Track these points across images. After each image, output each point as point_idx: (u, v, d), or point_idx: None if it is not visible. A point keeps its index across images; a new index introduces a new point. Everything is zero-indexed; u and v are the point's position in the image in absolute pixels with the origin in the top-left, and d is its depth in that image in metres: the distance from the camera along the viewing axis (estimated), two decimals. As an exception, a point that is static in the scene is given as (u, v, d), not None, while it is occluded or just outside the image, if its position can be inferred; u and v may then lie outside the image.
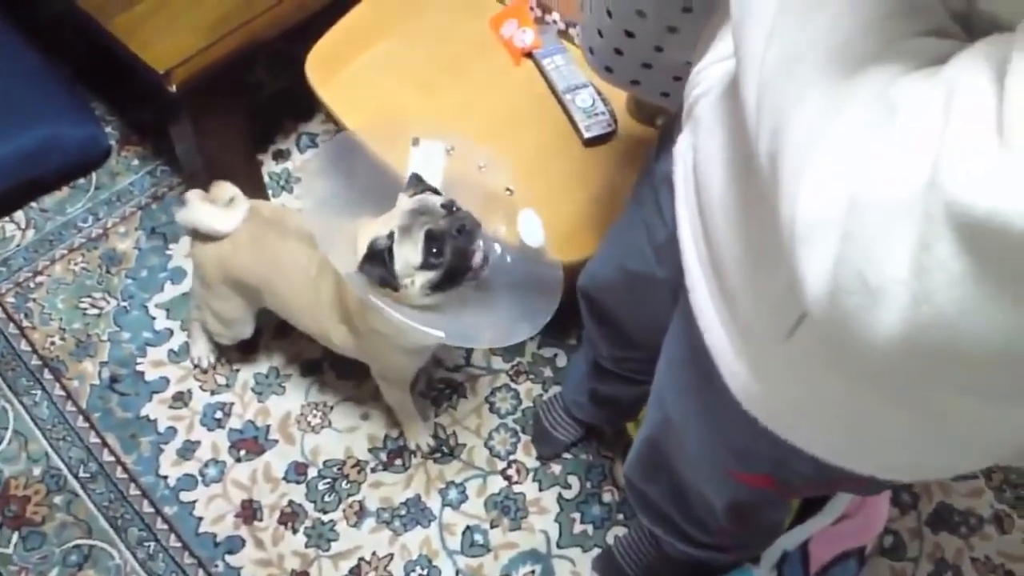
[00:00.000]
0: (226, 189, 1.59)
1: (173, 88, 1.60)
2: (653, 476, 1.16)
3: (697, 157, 0.80)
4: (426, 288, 1.30)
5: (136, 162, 2.08)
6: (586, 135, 1.64)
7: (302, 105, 2.08)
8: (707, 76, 0.81)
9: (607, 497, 1.73)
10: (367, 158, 1.46)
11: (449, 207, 1.31)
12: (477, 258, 1.30)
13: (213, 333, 1.74)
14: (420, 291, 1.30)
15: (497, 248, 1.43)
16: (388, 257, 1.27)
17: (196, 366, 1.80)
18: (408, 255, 1.28)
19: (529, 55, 1.75)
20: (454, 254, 1.28)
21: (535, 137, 1.67)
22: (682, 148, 0.85)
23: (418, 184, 1.37)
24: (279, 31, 1.71)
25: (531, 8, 1.77)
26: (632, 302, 1.22)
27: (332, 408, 1.79)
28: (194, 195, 1.56)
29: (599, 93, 1.69)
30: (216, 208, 1.56)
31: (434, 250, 1.27)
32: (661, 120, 1.65)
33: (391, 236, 1.28)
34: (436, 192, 1.37)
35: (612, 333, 1.34)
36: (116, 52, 1.65)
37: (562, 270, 1.40)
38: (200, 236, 1.56)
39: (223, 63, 1.64)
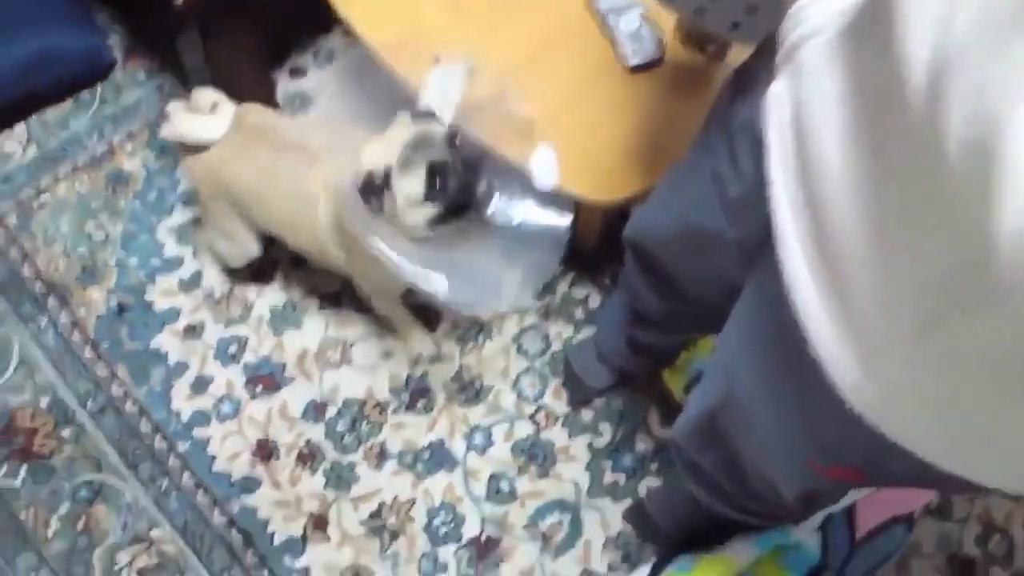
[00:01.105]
0: (207, 95, 1.50)
1: (179, 1, 1.46)
2: (709, 447, 1.07)
3: (801, 112, 0.68)
4: (431, 222, 1.25)
5: (143, 76, 1.95)
6: (631, 62, 1.51)
7: (321, 18, 1.92)
8: (815, 12, 0.70)
9: (640, 446, 1.66)
10: (385, 76, 1.37)
11: (452, 138, 1.25)
12: (481, 191, 1.25)
13: (221, 255, 1.65)
14: (424, 224, 1.25)
15: (496, 197, 1.33)
16: (386, 188, 1.22)
17: (209, 295, 1.71)
18: (410, 188, 1.23)
19: (571, -31, 1.60)
20: (458, 187, 1.23)
21: (572, 63, 1.54)
22: (778, 97, 0.73)
23: (421, 115, 1.29)
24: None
25: (575, -83, 1.62)
26: (691, 259, 1.11)
27: (352, 345, 1.70)
28: (174, 107, 1.50)
29: (645, 15, 1.55)
30: (199, 116, 1.48)
31: (437, 183, 1.22)
32: (713, 47, 1.52)
33: (389, 169, 1.21)
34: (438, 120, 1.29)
35: (663, 287, 1.24)
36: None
37: (570, 223, 1.33)
38: (189, 148, 1.49)
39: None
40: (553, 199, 1.36)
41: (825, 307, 0.66)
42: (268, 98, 1.85)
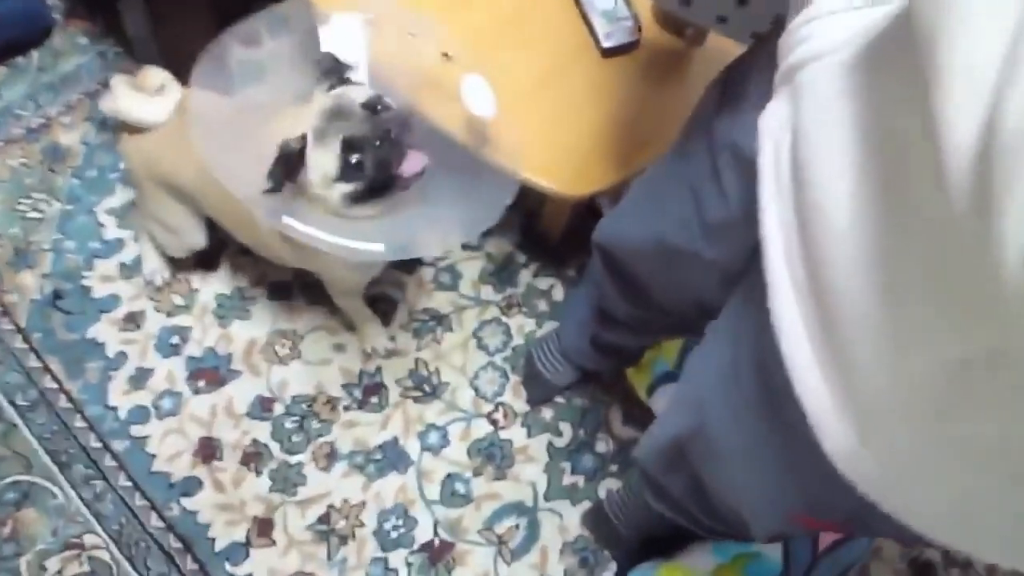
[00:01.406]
0: (155, 74, 1.39)
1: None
2: (675, 472, 1.00)
3: (799, 141, 0.59)
4: (346, 201, 1.13)
5: (84, 41, 1.82)
6: (605, 44, 1.42)
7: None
8: (822, 30, 0.60)
9: (601, 447, 1.59)
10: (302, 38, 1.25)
11: (372, 106, 1.13)
12: (407, 167, 1.12)
13: (161, 244, 1.55)
14: (340, 203, 1.14)
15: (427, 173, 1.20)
16: (298, 161, 1.10)
17: (149, 283, 1.61)
18: (324, 164, 1.11)
19: (541, -58, 1.49)
20: (376, 166, 1.11)
21: (543, 44, 1.44)
22: (773, 122, 0.64)
23: (333, 72, 1.17)
24: None
25: None
26: (666, 273, 1.03)
27: (303, 337, 1.61)
28: (119, 81, 1.38)
29: (622, -6, 1.45)
30: (143, 96, 1.37)
31: (353, 160, 1.10)
32: (691, 31, 1.42)
33: (303, 139, 1.10)
34: (344, 66, 1.17)
35: (634, 296, 1.16)
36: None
37: (516, 180, 1.21)
38: (129, 128, 1.38)
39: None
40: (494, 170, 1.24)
41: (823, 375, 0.57)
42: (218, 69, 1.73)
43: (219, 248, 1.63)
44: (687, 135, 0.93)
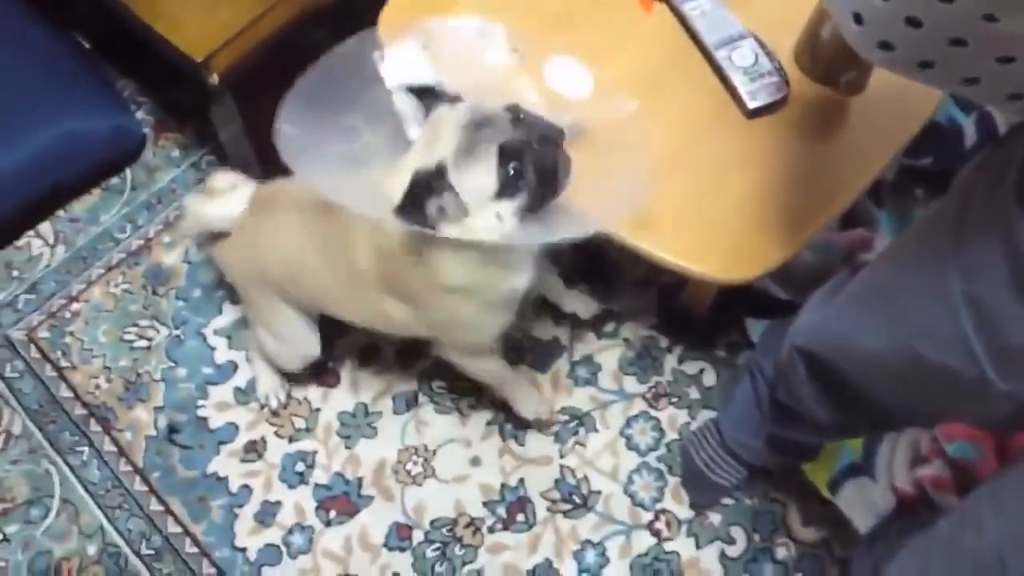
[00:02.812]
0: (224, 177, 1.36)
1: (215, 79, 1.25)
2: None
3: None
4: (511, 219, 0.99)
5: (176, 152, 1.74)
6: (750, 104, 1.25)
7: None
8: None
9: (781, 552, 1.40)
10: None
11: (515, 112, 0.99)
12: (564, 167, 0.99)
13: (274, 358, 1.43)
14: (505, 223, 0.99)
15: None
16: (442, 190, 0.95)
17: (265, 406, 1.49)
18: (478, 182, 0.96)
19: (663, -1, 1.34)
20: (539, 171, 0.97)
21: (676, 109, 1.28)
22: None
23: (443, 95, 1.04)
24: (342, -9, 1.33)
25: (660, -65, 1.36)
26: (912, 390, 0.86)
27: (435, 452, 1.47)
28: (190, 200, 1.37)
29: (763, 46, 1.28)
30: (220, 201, 1.32)
31: (512, 170, 0.95)
32: (848, 77, 1.25)
33: (443, 164, 0.96)
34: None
35: (845, 403, 0.99)
36: (141, 34, 1.29)
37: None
38: (217, 237, 1.34)
39: (274, 40, 1.28)
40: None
41: None
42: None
43: (339, 364, 1.51)
44: (959, 231, 0.75)
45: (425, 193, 0.95)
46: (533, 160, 0.97)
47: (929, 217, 0.85)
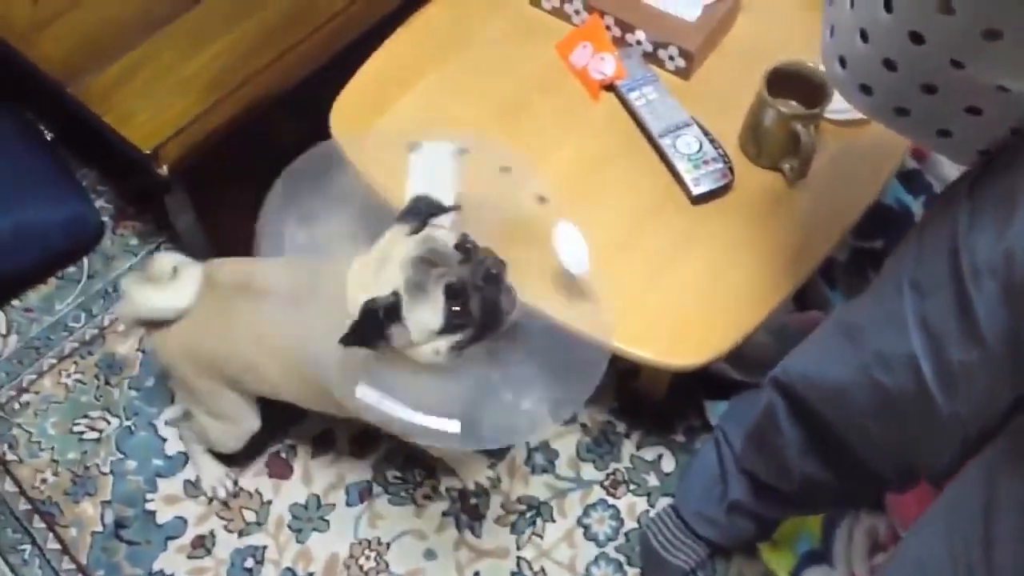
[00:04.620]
0: (165, 259, 1.28)
1: (163, 170, 1.25)
2: None
3: None
4: (448, 353, 1.00)
5: (135, 241, 1.74)
6: (695, 190, 1.27)
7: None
8: None
9: (744, 643, 1.36)
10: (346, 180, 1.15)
11: (465, 247, 1.01)
12: (508, 303, 1.01)
13: (217, 442, 1.39)
14: (444, 357, 1.00)
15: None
16: (393, 321, 0.97)
17: (213, 498, 1.46)
18: (424, 318, 0.98)
19: (610, 87, 1.37)
20: (483, 310, 0.99)
21: (623, 196, 1.30)
22: None
23: (418, 214, 1.04)
24: (293, 83, 1.35)
25: (607, 28, 1.40)
26: (880, 419, 0.89)
27: (388, 546, 1.43)
28: (128, 282, 1.27)
29: (707, 133, 1.31)
30: (159, 286, 1.25)
31: (457, 308, 0.98)
32: (791, 164, 1.27)
33: (394, 296, 0.97)
34: (442, 209, 1.06)
35: (825, 449, 1.02)
36: (95, 126, 1.30)
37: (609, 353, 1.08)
38: (155, 325, 1.27)
39: (225, 131, 1.29)
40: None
41: None
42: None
43: (288, 450, 1.49)
44: (906, 261, 0.81)
45: (374, 323, 0.97)
46: (478, 299, 0.99)
47: (894, 252, 0.89)
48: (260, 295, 1.20)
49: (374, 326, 0.97)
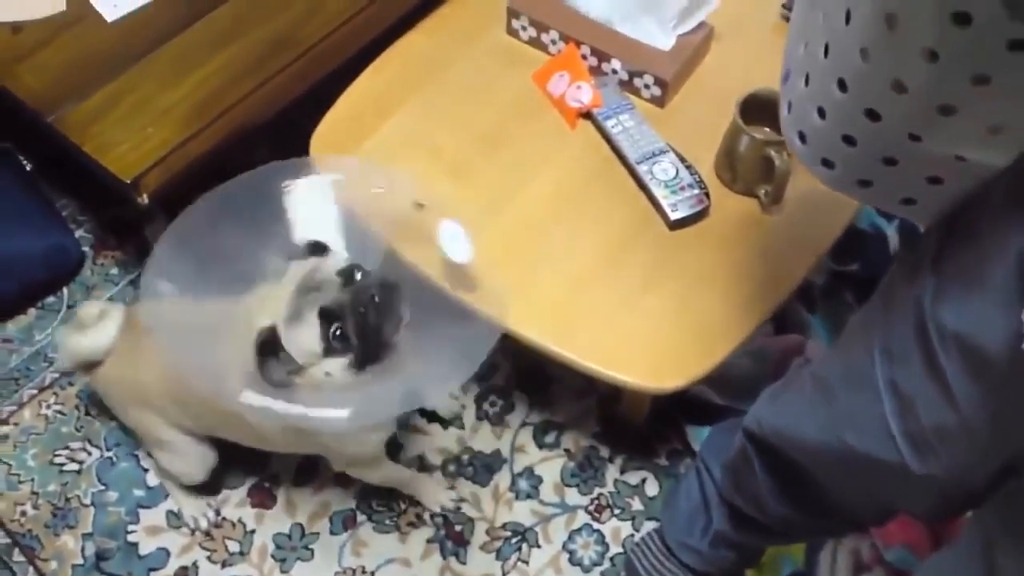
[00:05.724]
0: (90, 307, 1.35)
1: (144, 200, 1.26)
2: None
3: None
4: (344, 373, 1.04)
5: (115, 270, 1.74)
6: (672, 216, 1.28)
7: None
8: None
9: (730, 667, 1.36)
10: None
11: (348, 274, 1.04)
12: (392, 327, 1.05)
13: (179, 475, 1.41)
14: (340, 377, 1.04)
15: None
16: (277, 350, 1.01)
17: (195, 530, 1.45)
18: (305, 342, 1.01)
19: (587, 115, 1.39)
20: (361, 333, 1.01)
21: (602, 222, 1.31)
22: None
23: (310, 249, 1.09)
24: (274, 112, 1.36)
25: (583, 57, 1.42)
26: (852, 478, 0.89)
27: (373, 574, 1.42)
28: (62, 334, 1.37)
29: (683, 159, 1.33)
30: (86, 331, 1.32)
31: (335, 332, 1.01)
32: (765, 189, 1.29)
33: (272, 328, 1.01)
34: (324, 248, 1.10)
35: (800, 497, 1.02)
36: (74, 156, 1.31)
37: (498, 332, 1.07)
38: (89, 366, 1.35)
39: (205, 160, 1.30)
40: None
41: None
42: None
43: (271, 479, 1.48)
44: (873, 319, 0.80)
45: (268, 351, 1.00)
46: (354, 322, 1.01)
47: (862, 312, 0.88)
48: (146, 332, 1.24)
49: (269, 352, 1.00)
